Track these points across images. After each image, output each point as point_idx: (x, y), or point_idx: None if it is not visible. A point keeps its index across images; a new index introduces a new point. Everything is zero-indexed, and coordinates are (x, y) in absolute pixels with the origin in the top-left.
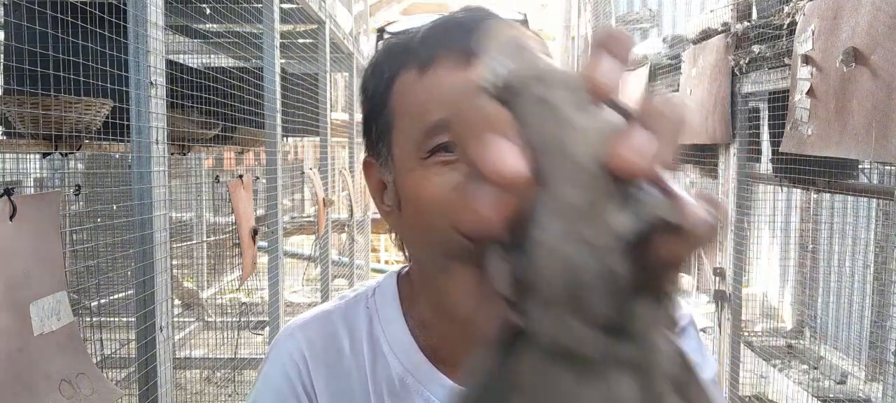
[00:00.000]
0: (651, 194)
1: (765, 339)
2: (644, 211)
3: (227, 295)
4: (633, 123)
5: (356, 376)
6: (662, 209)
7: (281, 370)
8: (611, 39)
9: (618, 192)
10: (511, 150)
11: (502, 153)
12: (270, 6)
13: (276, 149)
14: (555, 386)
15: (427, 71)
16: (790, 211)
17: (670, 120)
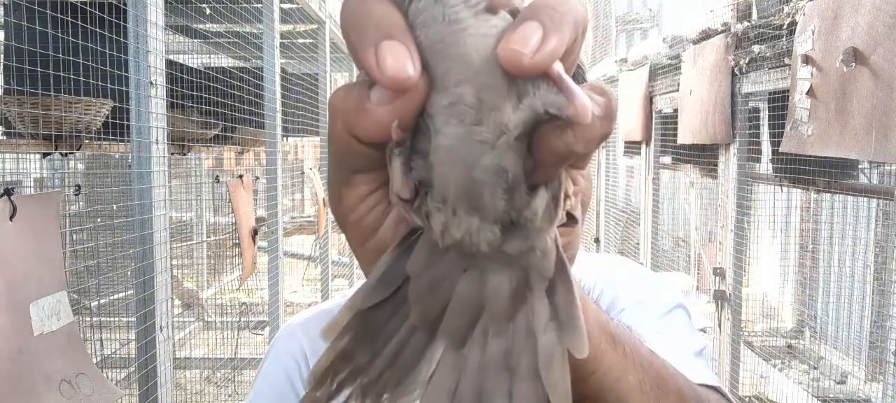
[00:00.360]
0: (541, 88)
1: (765, 339)
2: (531, 101)
3: (227, 295)
4: (521, 18)
5: None
6: (551, 102)
7: (281, 367)
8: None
9: (510, 89)
10: (403, 53)
11: (395, 56)
12: (270, 6)
13: (276, 149)
14: (442, 278)
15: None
16: (790, 211)
17: (559, 11)
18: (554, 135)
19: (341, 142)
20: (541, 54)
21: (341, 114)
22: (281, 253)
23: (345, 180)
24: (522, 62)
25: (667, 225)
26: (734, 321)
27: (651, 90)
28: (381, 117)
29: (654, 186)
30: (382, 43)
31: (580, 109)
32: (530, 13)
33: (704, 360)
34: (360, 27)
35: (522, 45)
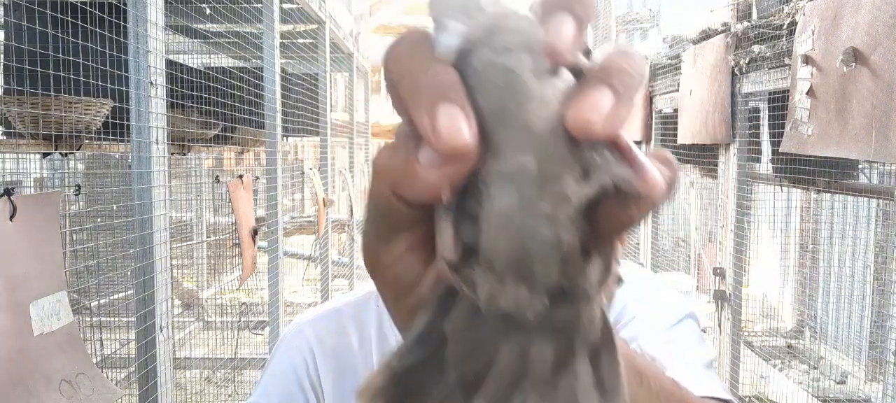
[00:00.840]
0: (607, 157)
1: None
2: (599, 175)
3: (227, 295)
4: (589, 81)
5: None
6: (618, 174)
7: (288, 364)
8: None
9: (573, 156)
10: (460, 118)
11: (451, 121)
12: (270, 6)
13: (276, 149)
14: (482, 343)
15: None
16: (790, 211)
17: (629, 75)
18: (618, 207)
19: (384, 201)
20: (612, 123)
21: (387, 175)
22: (281, 253)
23: (384, 238)
24: (594, 130)
25: (667, 225)
26: (734, 321)
27: (651, 90)
28: (431, 180)
29: None
30: (438, 105)
31: (651, 185)
32: (601, 76)
33: (714, 373)
34: (414, 84)
35: (593, 112)
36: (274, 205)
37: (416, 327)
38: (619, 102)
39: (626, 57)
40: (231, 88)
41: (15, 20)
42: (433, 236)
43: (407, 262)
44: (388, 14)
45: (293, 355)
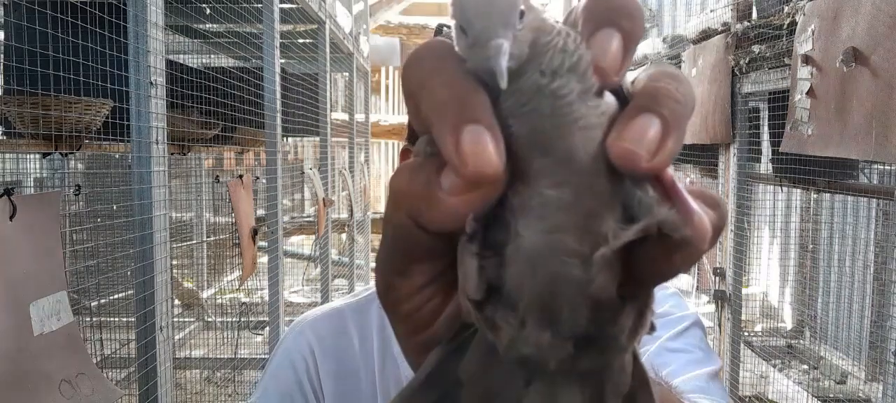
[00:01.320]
0: (650, 195)
1: (765, 339)
2: (642, 216)
3: (227, 295)
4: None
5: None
6: (663, 216)
7: (289, 365)
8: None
9: (614, 192)
10: (488, 143)
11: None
12: (270, 6)
13: (276, 149)
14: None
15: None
16: (790, 211)
17: (678, 103)
18: (661, 254)
19: (402, 229)
20: (659, 157)
21: (406, 200)
22: (281, 253)
23: (400, 270)
24: (639, 165)
25: None
26: (734, 321)
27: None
28: (454, 208)
29: None
30: (465, 127)
31: (699, 231)
32: (648, 102)
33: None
34: (439, 102)
35: (638, 142)
36: (274, 205)
37: (426, 366)
38: (668, 133)
39: (674, 80)
40: (231, 88)
41: (15, 20)
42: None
43: (424, 297)
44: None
45: (294, 356)
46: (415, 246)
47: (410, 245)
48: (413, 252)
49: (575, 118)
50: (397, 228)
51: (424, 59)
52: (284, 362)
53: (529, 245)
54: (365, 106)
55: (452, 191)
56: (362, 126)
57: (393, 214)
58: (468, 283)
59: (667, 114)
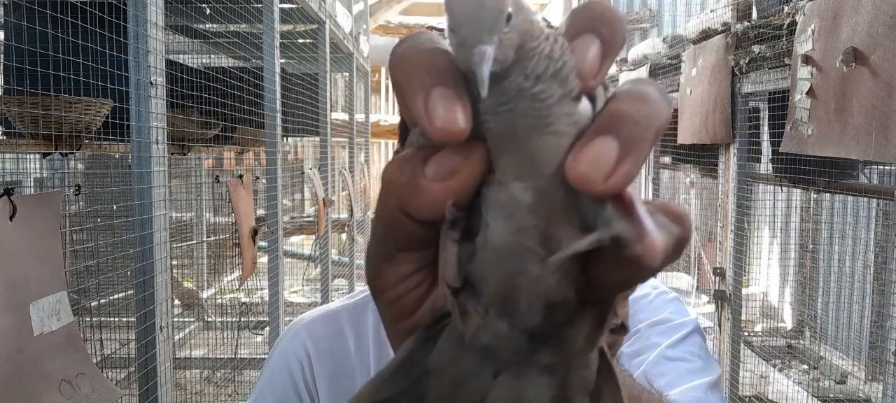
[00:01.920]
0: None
1: (765, 339)
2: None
3: (227, 295)
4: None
5: (359, 377)
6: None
7: (284, 367)
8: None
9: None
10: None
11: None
12: (270, 6)
13: (276, 149)
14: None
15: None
16: (790, 211)
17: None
18: (615, 266)
19: (391, 217)
20: (614, 180)
21: (394, 188)
22: (281, 253)
23: (388, 256)
24: (593, 188)
25: None
26: (734, 321)
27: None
28: (435, 194)
29: (654, 186)
30: (434, 90)
31: (649, 248)
32: (607, 124)
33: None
34: (410, 70)
35: (594, 166)
36: (274, 205)
37: (398, 355)
38: (624, 157)
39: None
40: (231, 88)
41: (15, 20)
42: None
43: (409, 284)
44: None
45: (289, 358)
46: (402, 234)
47: (398, 233)
48: (400, 240)
49: (547, 123)
50: (386, 216)
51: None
52: (280, 364)
53: (495, 237)
54: (365, 106)
55: (435, 178)
56: (362, 126)
57: (383, 203)
58: (447, 269)
59: (625, 137)
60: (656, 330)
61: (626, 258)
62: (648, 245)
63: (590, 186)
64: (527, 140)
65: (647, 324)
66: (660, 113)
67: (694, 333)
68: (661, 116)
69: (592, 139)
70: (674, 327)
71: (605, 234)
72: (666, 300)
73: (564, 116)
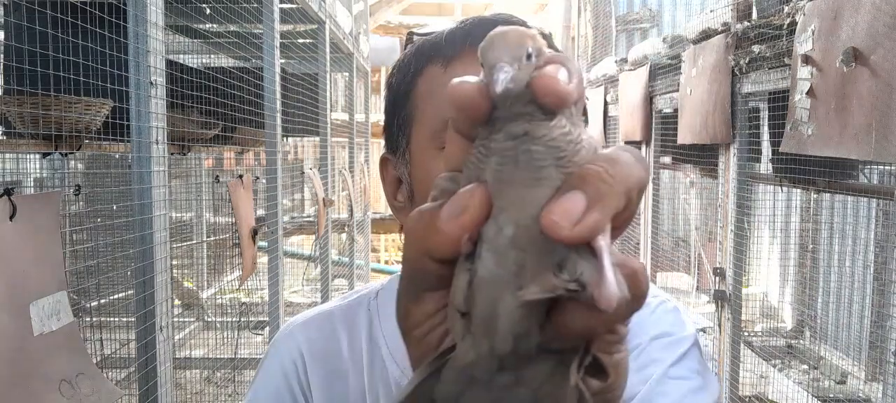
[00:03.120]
0: (574, 258)
1: (765, 339)
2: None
3: (227, 295)
4: (567, 184)
5: (353, 377)
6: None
7: (278, 368)
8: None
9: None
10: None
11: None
12: (270, 6)
13: (276, 149)
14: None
15: (452, 63)
16: (790, 211)
17: (608, 181)
18: (575, 310)
19: (415, 260)
20: (579, 229)
21: (416, 235)
22: (281, 253)
23: (414, 297)
24: (560, 233)
25: (667, 225)
26: (734, 321)
27: (651, 90)
28: (450, 232)
29: (654, 186)
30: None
31: (604, 294)
32: (577, 182)
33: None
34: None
35: (563, 216)
36: (274, 205)
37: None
38: (590, 209)
39: (609, 162)
40: (231, 88)
41: (15, 20)
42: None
43: (433, 322)
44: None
45: (283, 359)
46: (424, 276)
47: (421, 274)
48: (424, 281)
49: (538, 177)
50: (410, 260)
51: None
52: (274, 365)
53: (483, 269)
54: (365, 106)
55: (449, 218)
56: (362, 126)
57: (407, 249)
58: (456, 295)
59: (591, 193)
60: (658, 345)
61: (584, 304)
62: (604, 291)
63: (558, 232)
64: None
65: (650, 338)
66: (630, 174)
67: (693, 348)
68: (632, 177)
69: (565, 193)
70: (675, 342)
71: (563, 284)
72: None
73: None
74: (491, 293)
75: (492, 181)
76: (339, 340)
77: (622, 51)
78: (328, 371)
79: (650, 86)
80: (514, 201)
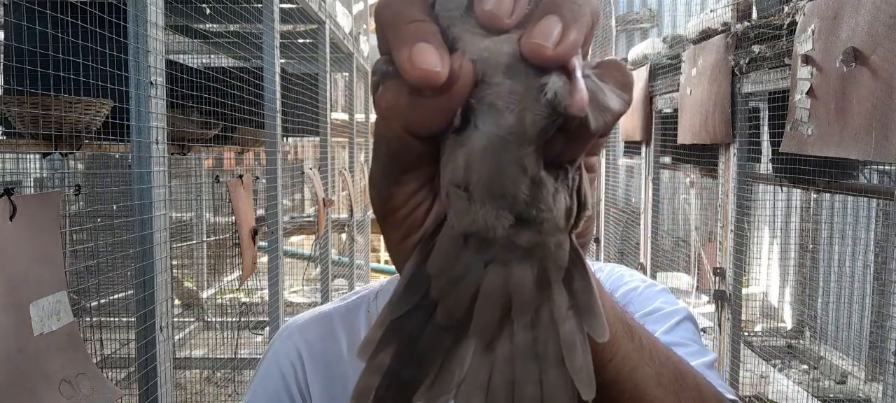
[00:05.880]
0: (558, 83)
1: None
2: (550, 103)
3: (227, 295)
4: (541, 12)
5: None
6: (556, 88)
7: (277, 370)
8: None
9: (535, 84)
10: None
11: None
12: (270, 6)
13: (276, 149)
14: (463, 273)
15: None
16: (790, 211)
17: (576, 3)
18: (561, 136)
19: (396, 141)
20: (562, 48)
21: (396, 113)
22: (281, 253)
23: (396, 179)
24: (545, 54)
25: (667, 225)
26: (734, 321)
27: (651, 90)
28: (438, 107)
29: (654, 186)
30: (415, 44)
31: (575, 103)
32: (550, 7)
33: (715, 373)
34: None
35: (544, 38)
36: (274, 205)
37: (403, 275)
38: (567, 27)
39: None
40: (231, 88)
41: (15, 20)
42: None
43: (417, 200)
44: None
45: (281, 361)
46: (408, 155)
47: (404, 154)
48: (406, 161)
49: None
50: (391, 141)
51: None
52: (272, 367)
53: (480, 137)
54: (365, 106)
55: (433, 95)
56: (362, 126)
57: (385, 129)
58: (456, 172)
59: (566, 13)
60: (649, 320)
61: (569, 125)
62: (577, 99)
63: (541, 53)
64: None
65: (640, 315)
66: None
67: (686, 320)
68: (593, 1)
69: (540, 18)
70: (666, 315)
71: (550, 93)
72: (655, 291)
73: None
74: (493, 159)
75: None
76: (339, 342)
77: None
78: (328, 374)
79: (650, 86)
80: (488, 62)
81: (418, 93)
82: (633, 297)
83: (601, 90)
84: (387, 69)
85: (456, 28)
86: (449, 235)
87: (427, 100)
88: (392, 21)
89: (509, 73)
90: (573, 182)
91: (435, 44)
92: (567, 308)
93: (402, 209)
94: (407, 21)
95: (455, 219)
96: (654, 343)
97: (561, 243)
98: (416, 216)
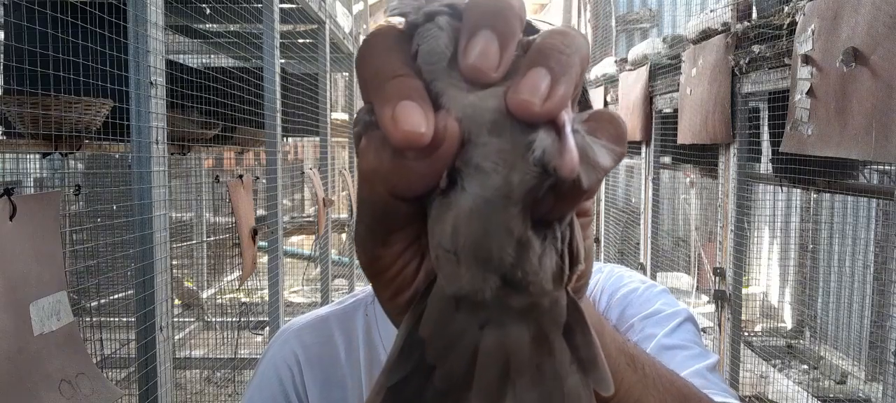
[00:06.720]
0: (546, 141)
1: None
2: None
3: (227, 295)
4: (527, 65)
5: (350, 383)
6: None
7: (274, 374)
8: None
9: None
10: (416, 113)
11: (408, 116)
12: (270, 6)
13: (276, 149)
14: (459, 336)
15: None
16: (790, 211)
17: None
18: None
19: (381, 204)
20: (550, 103)
21: (379, 176)
22: (281, 253)
23: (381, 240)
24: (532, 110)
25: (667, 225)
26: (734, 321)
27: (651, 90)
28: (424, 169)
29: (654, 186)
30: (399, 104)
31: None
32: (537, 58)
33: (717, 376)
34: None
35: (531, 93)
36: (274, 205)
37: (398, 339)
38: (556, 82)
39: (560, 35)
40: (231, 88)
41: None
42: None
43: (405, 259)
44: None
45: (279, 365)
46: (394, 217)
47: (390, 216)
48: (393, 222)
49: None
50: (375, 204)
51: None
52: (269, 371)
53: (471, 195)
54: None
55: (418, 158)
56: None
57: (369, 193)
58: (444, 237)
59: (553, 66)
60: (650, 322)
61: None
62: (567, 160)
63: (529, 109)
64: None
65: (640, 317)
66: (581, 44)
67: (687, 321)
68: (583, 47)
69: (527, 71)
70: (666, 317)
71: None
72: (655, 292)
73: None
74: (480, 222)
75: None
76: (336, 345)
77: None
78: (325, 377)
79: (650, 86)
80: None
81: (402, 155)
82: (632, 298)
83: (591, 147)
84: (369, 119)
85: (440, 82)
86: (440, 297)
87: (412, 162)
88: (373, 76)
89: (495, 131)
90: (563, 238)
91: (419, 102)
92: (570, 363)
93: (391, 268)
94: (390, 76)
95: (445, 282)
96: (658, 369)
97: (556, 300)
98: (406, 274)
